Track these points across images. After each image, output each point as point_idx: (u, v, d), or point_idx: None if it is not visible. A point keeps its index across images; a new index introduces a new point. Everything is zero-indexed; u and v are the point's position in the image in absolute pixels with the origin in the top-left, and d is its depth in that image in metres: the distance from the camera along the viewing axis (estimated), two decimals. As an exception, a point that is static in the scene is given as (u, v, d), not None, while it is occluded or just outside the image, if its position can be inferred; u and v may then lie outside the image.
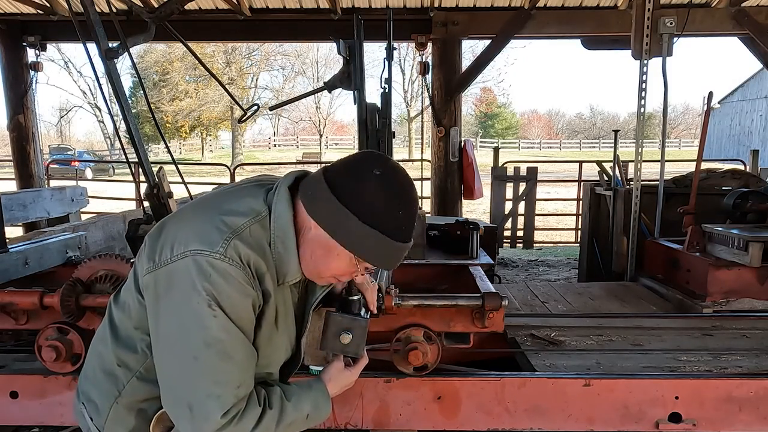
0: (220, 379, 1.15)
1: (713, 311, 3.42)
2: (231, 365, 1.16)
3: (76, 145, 35.86)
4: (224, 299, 1.14)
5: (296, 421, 1.28)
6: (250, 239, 1.19)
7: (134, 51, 3.16)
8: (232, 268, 1.15)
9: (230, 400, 1.15)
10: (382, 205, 1.18)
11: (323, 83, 1.92)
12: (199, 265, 1.14)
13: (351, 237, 1.19)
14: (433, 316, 2.35)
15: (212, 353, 1.14)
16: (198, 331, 1.13)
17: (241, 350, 1.18)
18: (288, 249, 1.23)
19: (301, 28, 7.05)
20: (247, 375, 1.21)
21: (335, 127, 44.91)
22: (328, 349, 1.39)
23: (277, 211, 1.23)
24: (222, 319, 1.14)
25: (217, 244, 1.15)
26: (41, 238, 3.28)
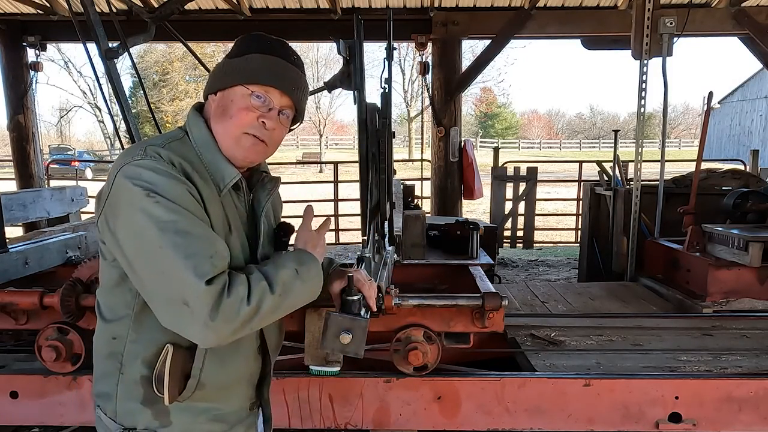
0: (189, 252, 1.10)
1: (713, 311, 3.42)
2: (192, 239, 1.12)
3: (76, 145, 35.84)
4: (159, 186, 1.14)
5: (287, 279, 1.22)
6: (171, 148, 1.23)
7: (134, 51, 3.16)
8: (156, 161, 1.17)
9: (207, 268, 1.10)
10: (248, 39, 1.29)
11: (323, 83, 1.92)
12: (126, 175, 1.16)
13: (229, 75, 1.26)
14: (433, 316, 2.35)
15: (170, 235, 1.11)
16: (149, 224, 1.11)
17: (198, 226, 1.15)
18: (213, 151, 1.28)
19: (301, 28, 7.05)
20: (217, 246, 1.16)
21: (335, 127, 44.90)
22: (328, 349, 1.39)
23: (191, 127, 1.30)
24: (164, 203, 1.12)
25: (139, 150, 1.20)
26: (41, 238, 3.28)
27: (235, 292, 1.12)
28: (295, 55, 1.32)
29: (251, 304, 1.13)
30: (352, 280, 1.41)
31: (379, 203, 2.05)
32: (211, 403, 1.31)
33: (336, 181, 9.17)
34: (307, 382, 2.38)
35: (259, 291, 1.15)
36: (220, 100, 1.28)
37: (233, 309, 1.11)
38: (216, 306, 1.10)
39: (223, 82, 1.27)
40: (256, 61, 1.26)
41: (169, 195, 1.14)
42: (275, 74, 1.27)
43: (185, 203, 1.15)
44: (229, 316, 1.11)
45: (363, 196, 1.93)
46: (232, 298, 1.11)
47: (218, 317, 1.10)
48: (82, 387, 2.44)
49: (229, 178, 1.28)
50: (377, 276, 1.92)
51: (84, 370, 2.41)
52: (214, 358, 1.28)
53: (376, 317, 1.75)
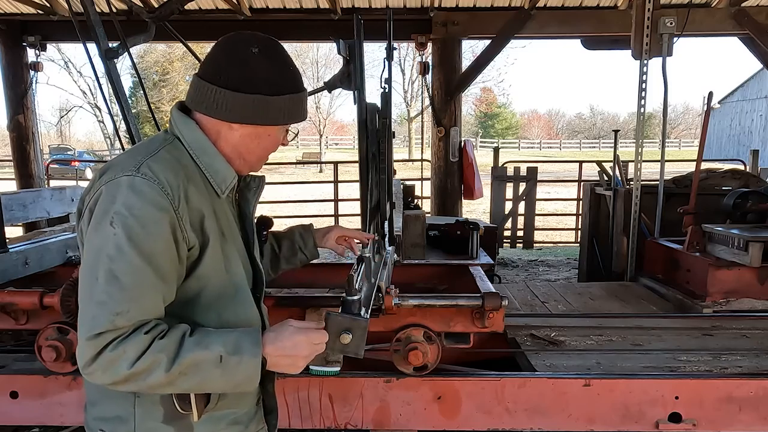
0: (101, 298, 1.09)
1: (713, 311, 3.41)
2: (114, 286, 1.09)
3: (76, 145, 35.82)
4: (130, 214, 1.11)
5: (200, 362, 1.12)
6: (166, 156, 1.21)
7: (134, 51, 3.16)
8: (145, 182, 1.14)
9: (103, 324, 1.07)
10: (278, 72, 1.27)
11: (323, 83, 1.92)
12: (110, 188, 1.14)
13: (273, 113, 1.26)
14: (433, 316, 2.35)
15: (102, 272, 1.10)
16: (99, 252, 1.11)
17: (132, 273, 1.10)
18: (212, 154, 1.27)
19: (301, 28, 7.05)
20: (135, 304, 1.10)
21: (335, 127, 44.89)
22: (328, 349, 1.39)
23: (182, 131, 1.27)
24: (119, 237, 1.10)
25: (131, 165, 1.17)
26: (41, 238, 3.28)
27: (122, 349, 1.08)
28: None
29: (133, 369, 1.09)
30: (352, 278, 1.41)
31: (379, 203, 2.05)
32: (230, 409, 1.32)
33: (336, 181, 9.17)
34: (307, 382, 2.38)
35: (150, 361, 1.09)
36: (254, 132, 1.28)
37: (113, 365, 1.09)
38: (93, 358, 1.09)
39: (264, 120, 1.27)
40: (294, 103, 1.30)
41: (133, 227, 1.11)
42: (305, 110, 1.35)
43: (145, 240, 1.12)
44: (107, 369, 1.09)
45: (363, 196, 1.93)
46: (115, 353, 1.08)
47: (93, 366, 1.09)
48: (83, 387, 2.43)
49: (230, 179, 1.29)
50: (377, 276, 1.92)
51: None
52: None
53: (375, 317, 1.75)
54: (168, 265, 1.16)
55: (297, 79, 1.31)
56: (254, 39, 1.26)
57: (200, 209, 1.22)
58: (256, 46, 1.24)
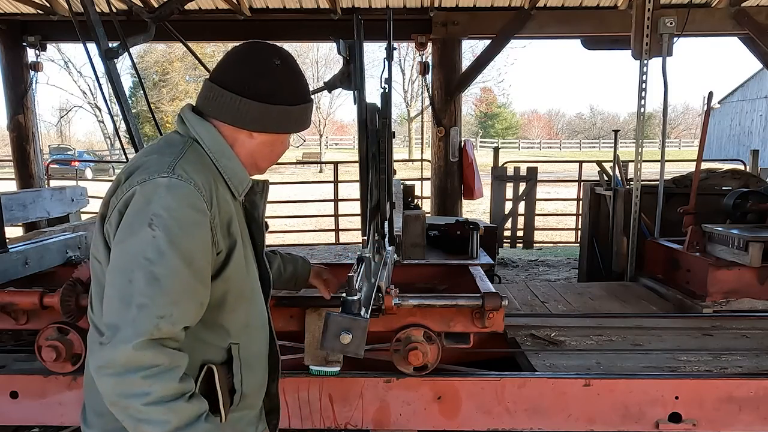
0: (142, 301, 1.07)
1: (713, 311, 3.41)
2: (157, 290, 1.08)
3: (76, 145, 35.82)
4: (169, 216, 1.10)
5: (180, 409, 1.10)
6: (192, 157, 1.22)
7: (134, 51, 3.16)
8: (182, 183, 1.14)
9: (148, 327, 1.06)
10: (297, 84, 1.32)
11: (323, 83, 1.92)
12: (145, 190, 1.13)
13: (292, 123, 1.32)
14: (433, 316, 2.35)
15: (142, 275, 1.08)
16: (136, 254, 1.09)
17: (173, 276, 1.09)
18: (231, 158, 1.29)
19: (301, 28, 7.05)
20: (177, 308, 1.10)
21: (335, 127, 44.89)
22: (328, 349, 1.39)
23: (200, 133, 1.27)
24: (159, 240, 1.09)
25: (165, 165, 1.16)
26: (41, 238, 3.28)
27: (150, 383, 1.06)
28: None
29: (143, 409, 1.06)
30: (353, 280, 1.41)
31: (379, 203, 2.05)
32: (247, 410, 1.35)
33: (336, 181, 9.17)
34: (307, 382, 2.38)
35: (159, 414, 1.07)
36: (272, 140, 1.33)
37: (132, 386, 1.07)
38: (123, 371, 1.06)
39: (285, 128, 1.33)
40: (308, 112, 1.37)
41: (173, 230, 1.10)
42: (310, 117, 1.41)
43: (185, 242, 1.11)
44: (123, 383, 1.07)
45: (363, 196, 1.93)
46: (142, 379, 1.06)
47: (113, 376, 1.07)
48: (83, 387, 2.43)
49: (246, 182, 1.33)
50: (377, 276, 1.92)
51: (84, 370, 2.41)
52: (246, 367, 1.31)
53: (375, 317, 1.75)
54: (206, 269, 1.17)
55: (308, 89, 1.37)
56: (275, 51, 1.29)
57: (228, 212, 1.24)
58: (278, 59, 1.27)
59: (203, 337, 1.24)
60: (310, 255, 8.02)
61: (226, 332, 1.27)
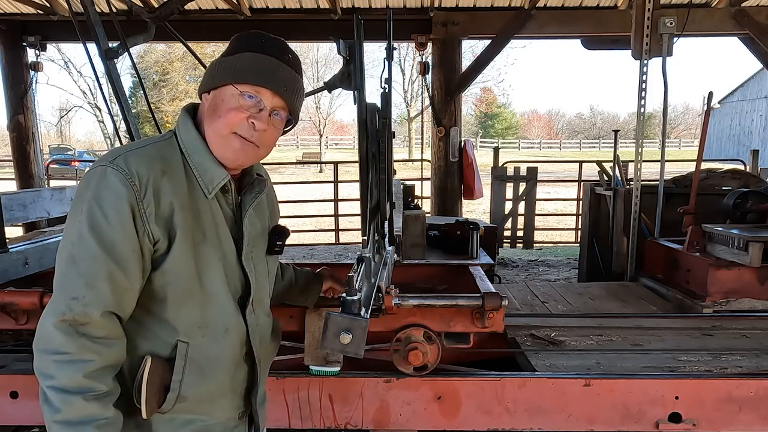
0: (61, 283, 1.14)
1: (713, 311, 3.41)
2: (72, 271, 1.13)
3: (76, 145, 35.84)
4: (95, 203, 1.14)
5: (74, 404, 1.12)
6: (148, 152, 1.22)
7: (134, 51, 3.16)
8: (114, 172, 1.16)
9: (60, 308, 1.11)
10: (243, 38, 1.27)
11: (323, 83, 1.92)
12: (87, 176, 1.18)
13: (221, 73, 1.24)
14: (433, 316, 2.35)
15: (64, 257, 1.15)
16: (66, 236, 1.17)
17: (89, 259, 1.13)
18: (201, 153, 1.26)
19: (301, 28, 7.05)
20: (91, 291, 1.12)
21: (335, 127, 44.90)
22: (328, 349, 1.39)
23: (180, 129, 1.29)
24: (82, 224, 1.14)
25: (112, 156, 1.20)
26: (41, 238, 3.28)
27: (63, 369, 1.11)
28: (290, 54, 1.29)
29: (49, 382, 1.12)
30: (353, 280, 1.41)
31: (379, 203, 2.05)
32: (196, 415, 1.29)
33: (336, 181, 9.17)
34: (307, 382, 2.38)
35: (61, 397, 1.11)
36: (212, 100, 1.26)
37: (45, 366, 1.13)
38: (40, 347, 1.13)
39: (215, 81, 1.26)
40: (247, 60, 1.23)
41: (96, 216, 1.14)
42: (267, 74, 1.23)
43: (106, 228, 1.14)
44: (44, 355, 1.13)
45: (363, 196, 1.93)
46: (54, 362, 1.11)
47: (36, 351, 1.14)
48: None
49: (218, 180, 1.26)
50: (377, 276, 1.92)
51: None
52: (193, 370, 1.26)
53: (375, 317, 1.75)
54: (129, 256, 1.16)
55: (264, 43, 1.26)
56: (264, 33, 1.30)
57: (170, 204, 1.20)
58: (259, 35, 1.28)
59: (151, 327, 1.24)
60: (310, 255, 8.02)
61: (173, 328, 1.24)
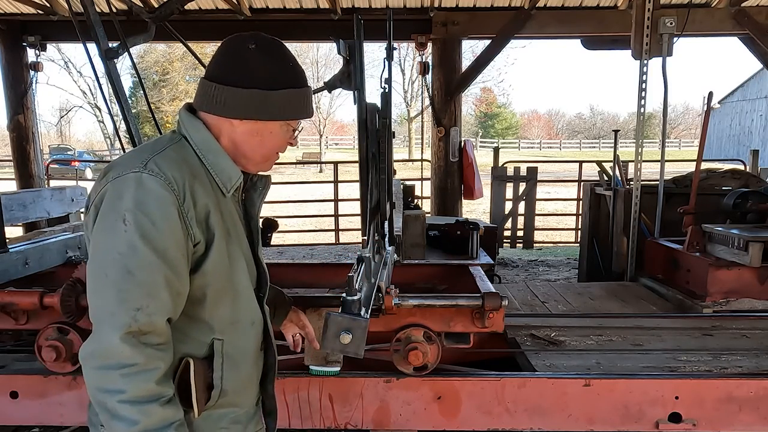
0: (120, 296, 1.10)
1: (713, 311, 3.41)
2: (132, 283, 1.11)
3: (76, 145, 35.80)
4: (140, 211, 1.12)
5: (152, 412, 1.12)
6: (172, 155, 1.22)
7: (134, 51, 3.16)
8: (152, 178, 1.15)
9: (125, 320, 1.09)
10: (275, 66, 1.27)
11: (323, 83, 1.92)
12: (118, 186, 1.15)
13: (273, 108, 1.26)
14: (433, 316, 2.35)
15: (116, 269, 1.11)
16: (110, 249, 1.12)
17: (146, 268, 1.12)
18: (218, 154, 1.28)
19: (301, 28, 7.05)
20: (153, 300, 1.12)
21: (335, 127, 44.89)
22: (328, 349, 1.39)
23: (189, 130, 1.28)
24: (130, 234, 1.11)
25: (138, 162, 1.18)
26: (41, 238, 3.28)
27: (130, 381, 1.09)
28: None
29: (119, 397, 1.10)
30: (353, 280, 1.41)
31: (379, 203, 2.05)
32: (229, 408, 1.33)
33: (336, 181, 9.17)
34: (307, 382, 2.38)
35: (129, 413, 1.09)
36: (255, 128, 1.28)
37: (107, 380, 1.10)
38: (103, 364, 1.10)
39: (265, 116, 1.27)
40: (295, 98, 1.29)
41: (144, 224, 1.12)
42: (308, 106, 1.33)
43: (156, 236, 1.13)
44: (102, 381, 1.11)
45: (363, 196, 1.93)
46: (122, 375, 1.09)
47: (94, 369, 1.11)
48: (82, 387, 2.43)
49: (236, 178, 1.30)
50: (377, 276, 1.92)
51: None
52: (230, 365, 1.29)
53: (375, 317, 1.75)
54: (180, 261, 1.17)
55: (297, 74, 1.30)
56: (252, 36, 1.27)
57: (206, 206, 1.22)
58: (253, 43, 1.26)
59: (185, 330, 1.24)
60: (310, 255, 8.02)
61: (209, 327, 1.27)
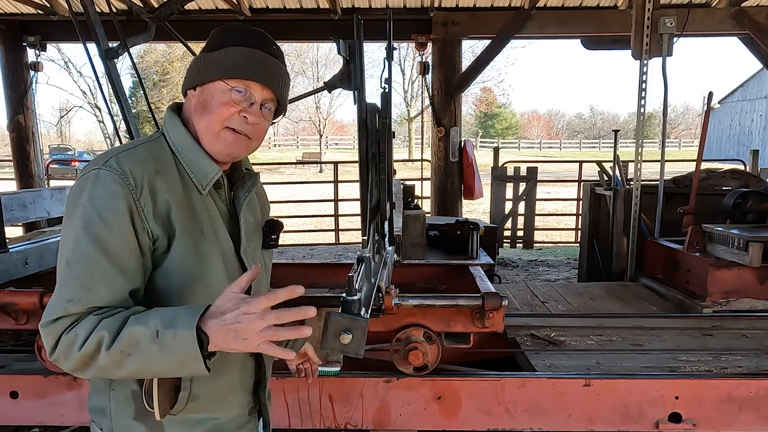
0: (58, 286, 1.14)
1: (713, 311, 3.42)
2: (68, 274, 1.13)
3: (76, 145, 35.84)
4: (90, 205, 1.13)
5: (139, 338, 1.07)
6: (139, 152, 1.21)
7: (134, 51, 3.16)
8: (108, 173, 1.15)
9: (56, 311, 1.11)
10: (226, 31, 1.26)
11: (323, 83, 1.92)
12: (79, 181, 1.17)
13: (208, 69, 1.24)
14: (433, 316, 2.35)
15: (62, 261, 1.15)
16: (63, 240, 1.16)
17: (84, 261, 1.12)
18: (192, 149, 1.26)
19: (301, 28, 7.05)
20: (87, 293, 1.12)
21: (335, 127, 44.89)
22: (328, 349, 1.39)
23: (168, 128, 1.28)
24: (76, 227, 1.13)
25: (102, 159, 1.18)
26: (41, 238, 3.29)
27: (73, 333, 1.10)
28: (274, 46, 1.30)
29: (82, 351, 1.09)
30: (353, 280, 1.41)
31: (379, 203, 2.05)
32: (208, 414, 1.30)
33: (336, 181, 9.17)
34: (307, 382, 2.38)
35: (95, 341, 1.08)
36: (200, 96, 1.26)
37: (67, 349, 1.10)
38: (54, 344, 1.11)
39: (202, 77, 1.25)
40: (235, 54, 1.23)
41: (91, 217, 1.13)
42: (255, 67, 1.24)
43: (101, 229, 1.13)
44: (66, 354, 1.11)
45: (363, 196, 1.93)
46: (68, 337, 1.10)
47: (56, 353, 1.11)
48: (82, 387, 2.44)
49: (211, 175, 1.27)
50: (377, 276, 1.92)
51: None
52: None
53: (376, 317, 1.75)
54: (127, 255, 1.15)
55: (250, 36, 1.26)
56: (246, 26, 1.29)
57: (167, 202, 1.20)
58: (242, 28, 1.27)
59: None
60: (310, 255, 8.02)
61: None
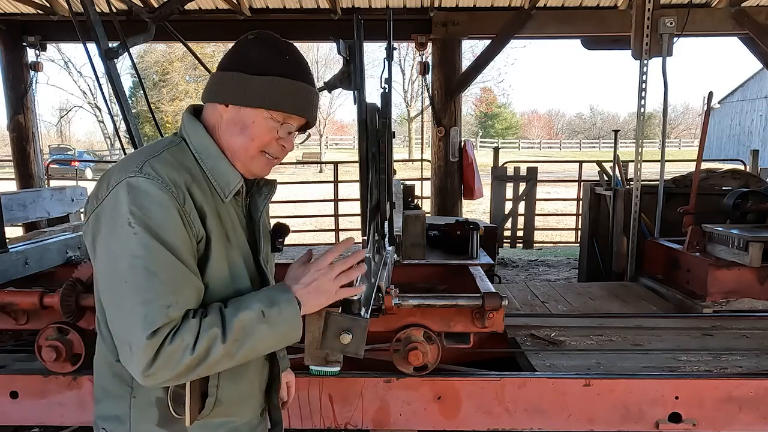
0: (146, 297, 1.08)
1: (713, 311, 3.42)
2: (156, 282, 1.09)
3: (76, 145, 35.81)
4: (143, 214, 1.10)
5: (248, 324, 1.14)
6: (168, 158, 1.20)
7: (134, 51, 3.17)
8: (148, 181, 1.13)
9: (159, 319, 1.08)
10: (267, 53, 1.23)
11: (323, 83, 1.92)
12: (117, 192, 1.13)
13: (252, 93, 1.21)
14: (433, 316, 2.35)
15: (136, 273, 1.09)
16: (122, 255, 1.10)
17: (167, 267, 1.11)
18: (216, 157, 1.25)
19: (301, 28, 7.05)
20: (180, 296, 1.12)
21: (335, 127, 44.88)
22: (328, 349, 1.39)
23: (189, 133, 1.26)
24: (141, 236, 1.09)
25: (133, 166, 1.16)
26: (41, 238, 3.29)
27: (180, 339, 1.09)
28: (309, 72, 1.29)
29: (196, 353, 1.10)
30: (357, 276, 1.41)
31: (379, 203, 2.05)
32: (227, 417, 1.31)
33: (336, 181, 9.17)
34: (307, 382, 2.38)
35: (208, 339, 1.10)
36: (237, 115, 1.24)
37: (175, 357, 1.09)
38: (155, 357, 1.08)
39: (244, 101, 1.22)
40: (282, 88, 1.22)
41: (151, 225, 1.11)
42: (301, 103, 1.26)
43: (166, 235, 1.12)
44: (170, 364, 1.09)
45: (363, 196, 1.93)
46: (175, 345, 1.08)
47: (156, 365, 1.08)
48: (82, 387, 2.44)
49: (234, 183, 1.27)
50: (377, 276, 1.92)
51: (84, 370, 2.41)
52: (228, 374, 1.27)
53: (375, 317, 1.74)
54: (192, 260, 1.17)
55: (293, 67, 1.25)
56: (258, 31, 1.27)
57: (203, 209, 1.20)
58: (253, 35, 1.25)
59: None
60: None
61: None
